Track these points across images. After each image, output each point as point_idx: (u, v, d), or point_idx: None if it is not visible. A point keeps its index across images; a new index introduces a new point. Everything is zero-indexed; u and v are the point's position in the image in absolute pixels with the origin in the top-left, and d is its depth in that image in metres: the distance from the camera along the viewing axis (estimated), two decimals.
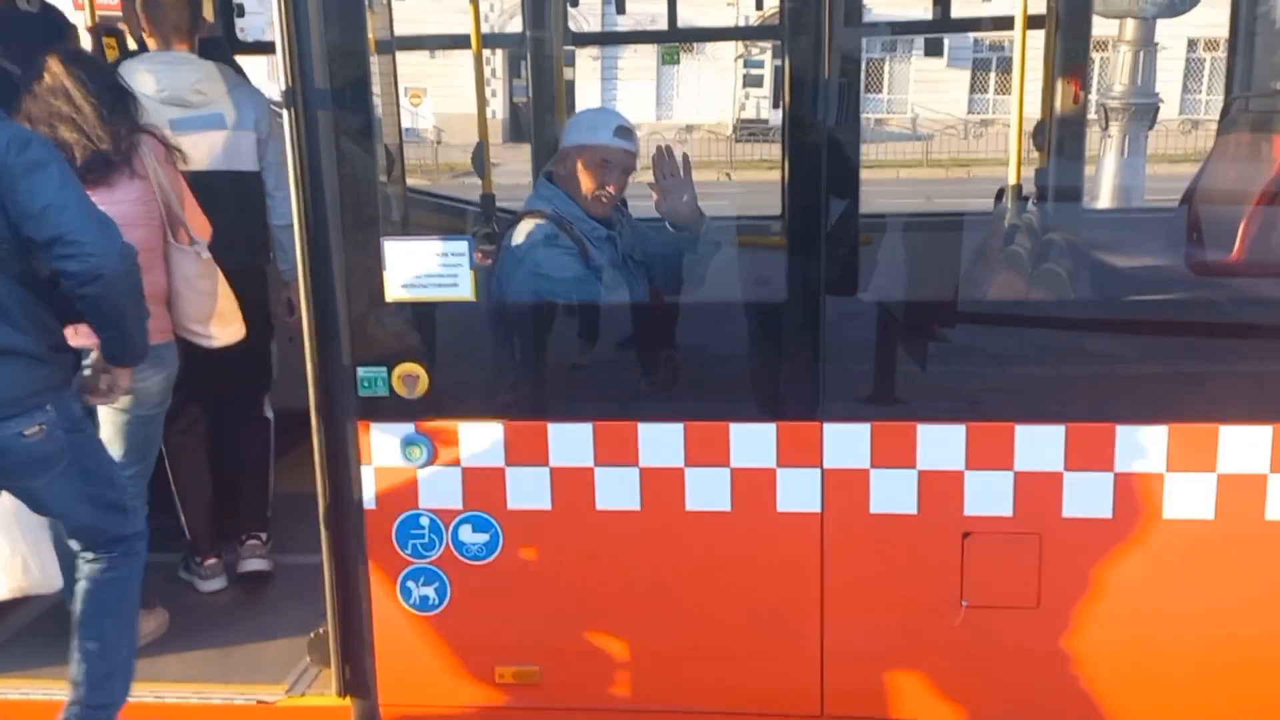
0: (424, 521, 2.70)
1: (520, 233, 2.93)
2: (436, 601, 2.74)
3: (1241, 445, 2.44)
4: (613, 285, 2.96)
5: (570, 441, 2.62)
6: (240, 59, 4.15)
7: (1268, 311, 2.60)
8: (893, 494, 2.55)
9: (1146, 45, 8.48)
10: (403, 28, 2.93)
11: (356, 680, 2.83)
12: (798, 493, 2.58)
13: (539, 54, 4.33)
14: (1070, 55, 4.08)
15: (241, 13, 4.82)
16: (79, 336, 2.69)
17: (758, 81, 26.24)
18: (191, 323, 3.21)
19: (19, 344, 2.48)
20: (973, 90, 25.63)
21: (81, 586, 2.73)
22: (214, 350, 3.27)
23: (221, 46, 3.99)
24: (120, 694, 2.76)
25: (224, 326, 3.28)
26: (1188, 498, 2.47)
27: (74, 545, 2.74)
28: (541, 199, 3.00)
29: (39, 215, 2.38)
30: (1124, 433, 2.46)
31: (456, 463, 2.66)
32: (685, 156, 3.03)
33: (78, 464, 2.64)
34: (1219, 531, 2.48)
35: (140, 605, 2.88)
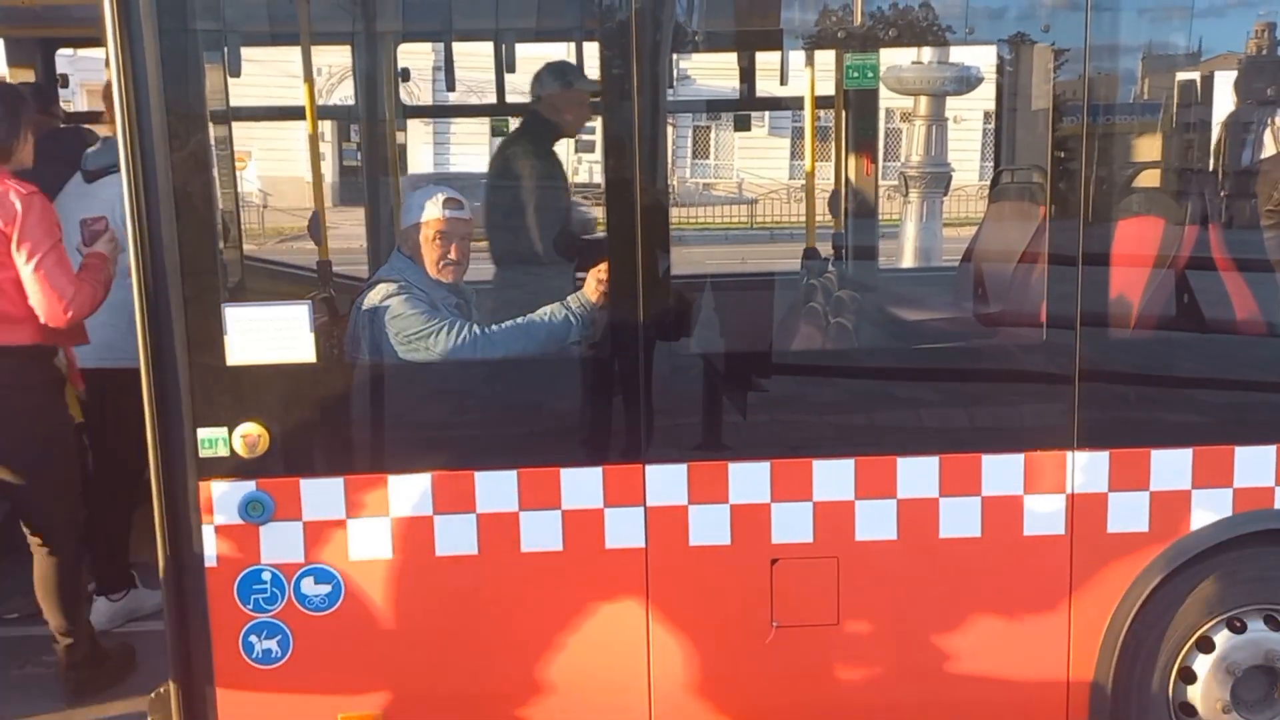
0: (266, 576, 2.79)
1: (372, 294, 3.09)
2: (279, 654, 2.81)
3: (999, 472, 2.81)
4: (462, 329, 3.09)
5: (409, 492, 2.77)
6: None
7: (1018, 356, 3.00)
8: (709, 527, 2.80)
9: (938, 120, 9.36)
10: (235, 96, 3.07)
11: None
12: (623, 530, 2.80)
13: (371, 121, 4.49)
14: (860, 131, 4.55)
15: (66, 83, 4.79)
16: None
17: (590, 147, 26.80)
18: None
19: None
20: (793, 157, 27.00)
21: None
22: None
23: None
24: None
25: None
26: (958, 519, 2.82)
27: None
28: (394, 269, 3.17)
29: None
30: (904, 464, 2.80)
31: (298, 517, 2.77)
32: None
33: None
34: (985, 548, 2.84)
35: None
